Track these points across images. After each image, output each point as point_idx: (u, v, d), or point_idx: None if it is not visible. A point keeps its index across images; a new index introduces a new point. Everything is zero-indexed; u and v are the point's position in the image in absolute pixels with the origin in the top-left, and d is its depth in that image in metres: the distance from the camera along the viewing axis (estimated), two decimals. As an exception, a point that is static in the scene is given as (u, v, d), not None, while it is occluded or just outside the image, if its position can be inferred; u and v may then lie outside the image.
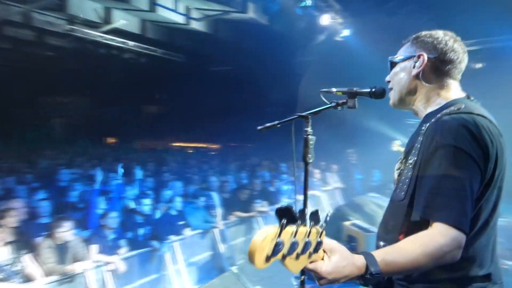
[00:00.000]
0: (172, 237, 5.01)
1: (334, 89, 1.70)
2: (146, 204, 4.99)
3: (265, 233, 0.92)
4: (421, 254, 1.03)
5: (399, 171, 1.35)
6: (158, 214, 5.19)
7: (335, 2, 7.84)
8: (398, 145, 5.25)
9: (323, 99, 1.78)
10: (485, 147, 1.12)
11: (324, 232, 1.01)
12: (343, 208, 5.34)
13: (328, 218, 1.04)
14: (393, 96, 1.46)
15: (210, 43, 10.81)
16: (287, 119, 1.93)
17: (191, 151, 14.58)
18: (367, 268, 1.02)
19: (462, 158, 1.10)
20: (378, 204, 6.16)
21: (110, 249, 4.08)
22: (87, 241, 4.01)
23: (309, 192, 6.71)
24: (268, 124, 1.99)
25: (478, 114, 1.17)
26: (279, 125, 1.93)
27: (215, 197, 6.16)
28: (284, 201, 6.96)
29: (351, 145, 9.76)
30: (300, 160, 1.80)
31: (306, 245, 0.97)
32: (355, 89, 1.60)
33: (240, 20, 9.31)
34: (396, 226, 1.25)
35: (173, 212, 5.30)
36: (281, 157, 9.84)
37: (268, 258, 0.93)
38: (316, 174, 8.55)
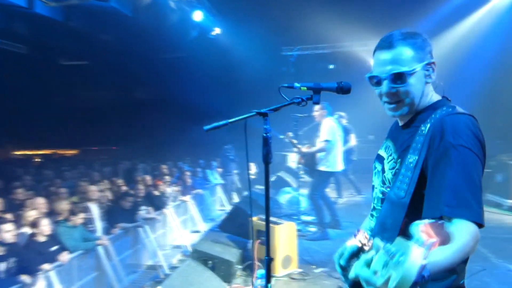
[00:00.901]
0: (46, 266, 4.13)
1: (297, 84, 1.66)
2: (7, 231, 3.96)
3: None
4: (455, 252, 1.03)
5: (393, 170, 1.35)
6: (23, 241, 4.19)
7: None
8: (290, 137, 5.63)
9: (282, 95, 1.73)
10: (484, 147, 1.21)
11: None
12: (241, 204, 5.42)
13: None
14: (402, 108, 1.35)
15: (60, 33, 9.27)
16: (241, 117, 1.80)
17: (40, 160, 12.30)
18: None
19: (473, 158, 1.16)
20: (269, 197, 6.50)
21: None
22: None
23: (193, 192, 6.48)
24: (216, 124, 1.82)
25: (470, 115, 1.26)
26: (229, 124, 1.79)
27: (94, 209, 5.38)
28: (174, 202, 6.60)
29: (228, 141, 10.03)
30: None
31: None
32: (322, 84, 1.61)
33: (99, 9, 8.29)
34: (395, 224, 1.26)
35: (41, 238, 4.36)
36: (158, 158, 9.34)
37: None
38: (198, 172, 8.45)
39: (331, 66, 10.56)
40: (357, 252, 1.72)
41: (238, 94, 10.09)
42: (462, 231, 1.07)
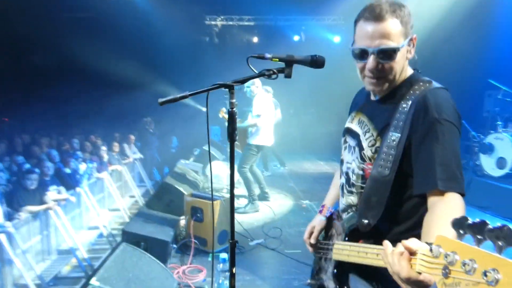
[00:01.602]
0: None
1: (268, 55, 1.52)
2: None
3: None
4: None
5: (373, 148, 1.34)
6: None
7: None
8: (224, 113, 5.46)
9: (250, 66, 1.58)
10: (461, 119, 1.26)
11: None
12: (169, 180, 5.14)
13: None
14: (381, 85, 1.32)
15: None
16: (203, 89, 1.60)
17: None
18: None
19: (456, 133, 1.21)
20: (195, 171, 6.31)
21: None
22: None
23: (110, 168, 6.01)
24: (173, 97, 1.60)
25: (445, 88, 1.29)
26: (189, 97, 1.59)
27: (-10, 192, 4.59)
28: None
29: (147, 113, 9.42)
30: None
31: None
32: (295, 56, 1.50)
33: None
34: (380, 202, 1.27)
35: None
36: (65, 132, 8.32)
37: None
38: (114, 147, 7.78)
39: (256, 40, 10.51)
40: (325, 227, 1.73)
41: (158, 63, 9.43)
42: (458, 205, 1.13)
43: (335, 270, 1.51)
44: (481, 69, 6.43)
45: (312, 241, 1.68)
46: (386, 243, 1.01)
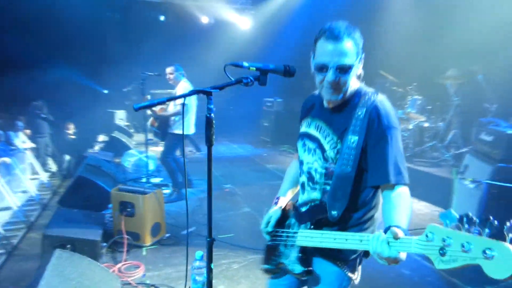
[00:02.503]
0: None
1: (246, 64, 1.60)
2: None
3: None
4: (409, 209, 1.42)
5: (335, 149, 1.58)
6: None
7: None
8: (147, 99, 5.17)
9: (227, 74, 1.63)
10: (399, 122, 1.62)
11: None
12: (84, 174, 4.72)
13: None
14: (337, 95, 1.56)
15: None
16: (181, 95, 1.61)
17: None
18: None
19: (400, 135, 1.54)
20: (107, 161, 5.90)
21: None
22: None
23: None
24: (149, 102, 1.58)
25: (384, 96, 1.61)
26: (167, 103, 1.60)
27: None
28: None
29: (38, 96, 8.24)
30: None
31: None
32: (270, 66, 1.61)
33: None
34: (345, 195, 1.53)
35: None
36: None
37: None
38: None
39: (162, 18, 9.96)
40: (281, 218, 1.93)
41: (54, 39, 8.23)
42: (406, 194, 1.46)
43: (300, 255, 1.73)
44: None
45: (270, 229, 1.87)
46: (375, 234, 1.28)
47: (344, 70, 1.49)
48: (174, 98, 1.66)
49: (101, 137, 8.70)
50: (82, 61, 8.42)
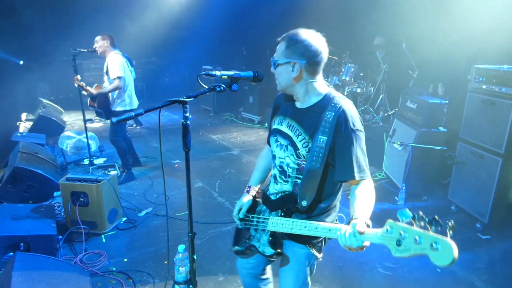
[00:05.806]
0: None
1: (218, 73, 1.69)
2: None
3: None
4: (372, 199, 1.68)
5: (307, 148, 1.77)
6: None
7: None
8: (78, 80, 4.79)
9: (200, 82, 1.70)
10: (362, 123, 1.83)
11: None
12: (20, 164, 4.37)
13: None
14: (279, 86, 1.82)
15: None
16: (157, 106, 1.63)
17: None
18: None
19: (363, 137, 1.75)
20: (40, 144, 5.50)
21: None
22: None
23: None
24: (126, 116, 1.59)
25: (351, 101, 1.82)
26: (144, 114, 1.63)
27: None
28: None
29: None
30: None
31: None
32: (241, 74, 1.72)
33: None
34: (313, 187, 1.76)
35: None
36: None
37: None
38: None
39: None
40: (252, 205, 2.12)
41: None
42: (370, 187, 1.73)
43: (271, 238, 1.95)
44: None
45: (241, 216, 2.08)
46: (344, 226, 1.51)
47: (274, 65, 1.78)
48: (150, 110, 1.68)
49: (24, 115, 7.93)
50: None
